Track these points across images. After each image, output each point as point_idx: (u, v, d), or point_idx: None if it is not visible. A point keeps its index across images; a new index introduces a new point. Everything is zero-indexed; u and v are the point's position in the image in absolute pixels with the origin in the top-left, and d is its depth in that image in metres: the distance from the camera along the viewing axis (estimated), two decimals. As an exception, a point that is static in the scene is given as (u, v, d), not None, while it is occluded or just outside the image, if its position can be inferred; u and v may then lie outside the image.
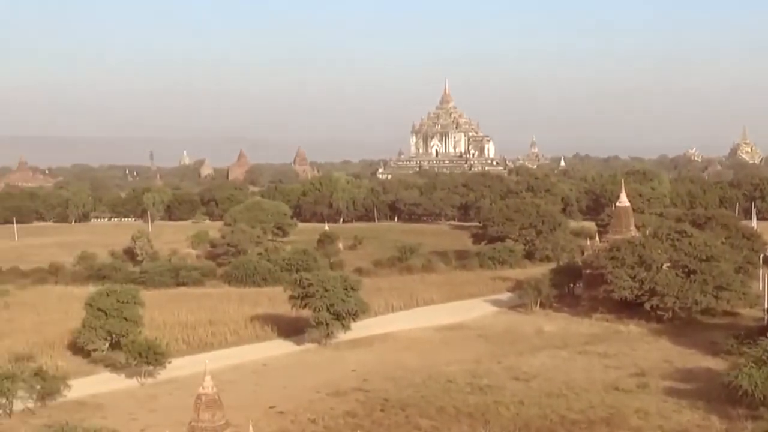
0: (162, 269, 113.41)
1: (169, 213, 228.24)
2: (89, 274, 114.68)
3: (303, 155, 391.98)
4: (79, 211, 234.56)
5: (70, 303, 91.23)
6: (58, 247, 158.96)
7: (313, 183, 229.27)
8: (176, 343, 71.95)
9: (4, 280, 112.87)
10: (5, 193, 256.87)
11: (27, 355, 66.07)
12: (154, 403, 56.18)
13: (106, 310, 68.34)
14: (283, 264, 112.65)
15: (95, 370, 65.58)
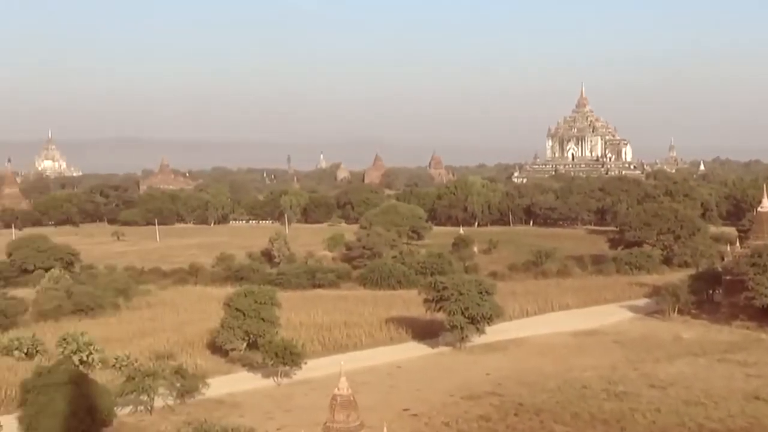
0: (298, 271, 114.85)
1: (305, 216, 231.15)
2: (228, 275, 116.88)
3: (438, 159, 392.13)
4: (219, 213, 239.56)
5: (209, 303, 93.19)
6: (198, 249, 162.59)
7: (448, 186, 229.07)
8: (312, 344, 72.66)
9: (147, 280, 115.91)
10: (148, 195, 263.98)
11: (168, 354, 67.58)
12: (290, 403, 56.86)
13: (244, 311, 69.44)
14: (418, 267, 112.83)
15: (233, 369, 66.71)
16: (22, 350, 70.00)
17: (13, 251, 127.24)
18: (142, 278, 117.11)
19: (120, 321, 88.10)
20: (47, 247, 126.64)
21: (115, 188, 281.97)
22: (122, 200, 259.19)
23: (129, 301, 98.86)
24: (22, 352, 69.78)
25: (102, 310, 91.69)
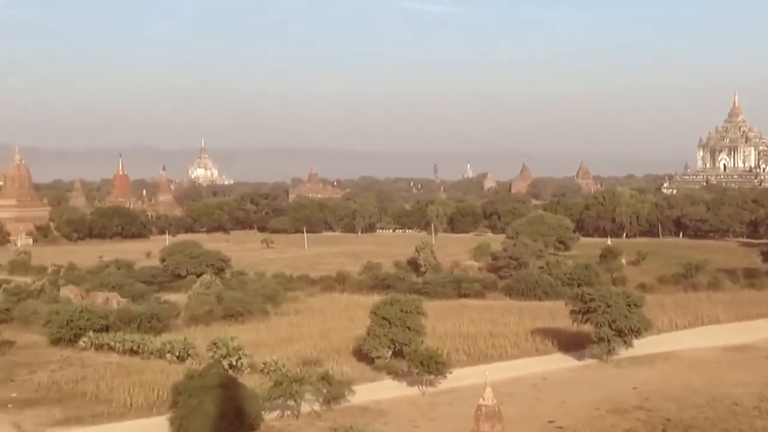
0: (444, 280, 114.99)
1: (451, 225, 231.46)
2: (374, 283, 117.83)
3: (586, 169, 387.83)
4: (366, 222, 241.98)
5: (356, 311, 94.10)
6: (345, 257, 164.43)
7: (596, 197, 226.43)
8: (457, 353, 72.54)
9: (295, 287, 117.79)
10: (297, 203, 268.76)
11: (314, 360, 68.40)
12: (434, 412, 56.89)
13: (390, 319, 69.82)
14: (565, 278, 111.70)
15: (378, 376, 67.12)
16: (174, 353, 71.90)
17: (167, 257, 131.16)
18: (290, 285, 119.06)
19: (268, 327, 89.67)
20: (199, 253, 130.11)
21: (265, 196, 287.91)
22: (272, 208, 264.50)
23: (277, 307, 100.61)
24: (174, 355, 71.68)
25: (251, 316, 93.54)
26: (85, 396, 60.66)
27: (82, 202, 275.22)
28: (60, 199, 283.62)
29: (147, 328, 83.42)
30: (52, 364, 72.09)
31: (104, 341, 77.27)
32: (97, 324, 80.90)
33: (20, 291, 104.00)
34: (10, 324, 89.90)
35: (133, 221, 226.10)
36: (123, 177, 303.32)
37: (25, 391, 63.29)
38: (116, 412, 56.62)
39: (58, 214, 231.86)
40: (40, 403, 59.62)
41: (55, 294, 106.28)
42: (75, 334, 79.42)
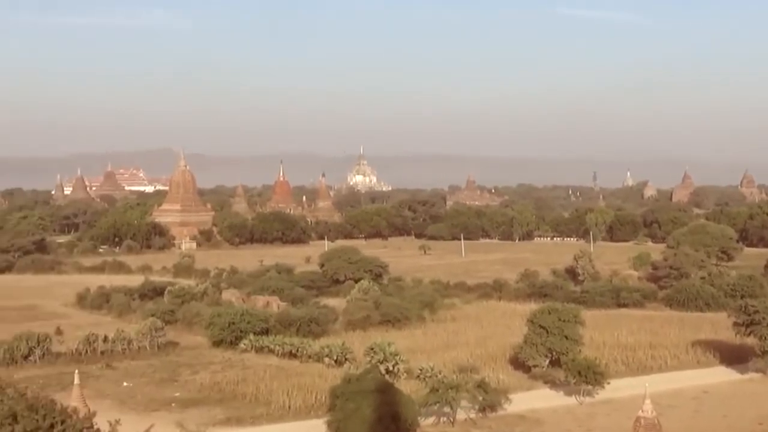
0: (603, 290, 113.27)
1: (610, 234, 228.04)
2: (531, 291, 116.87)
3: (750, 178, 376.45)
4: (523, 230, 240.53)
5: (513, 318, 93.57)
6: (502, 264, 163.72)
7: (760, 206, 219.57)
8: (615, 363, 71.36)
9: (452, 294, 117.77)
10: (454, 210, 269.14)
11: (471, 367, 68.24)
12: (591, 423, 56.07)
13: (547, 328, 69.22)
14: (727, 289, 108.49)
15: (534, 385, 66.55)
16: (331, 357, 72.82)
17: (326, 262, 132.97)
18: (447, 292, 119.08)
19: (425, 333, 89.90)
20: (357, 258, 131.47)
21: (423, 203, 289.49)
22: (429, 215, 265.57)
23: (434, 313, 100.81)
24: (332, 359, 72.58)
25: (408, 322, 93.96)
26: (245, 397, 62.03)
27: (243, 207, 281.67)
28: (223, 205, 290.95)
29: (306, 331, 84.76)
30: (213, 366, 73.99)
31: (264, 344, 78.85)
32: (258, 327, 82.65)
33: (184, 293, 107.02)
34: (175, 325, 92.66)
35: (293, 227, 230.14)
36: (284, 183, 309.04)
37: (188, 391, 65.12)
38: (275, 413, 57.71)
39: (221, 219, 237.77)
40: (202, 403, 61.25)
41: (218, 297, 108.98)
42: (236, 337, 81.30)
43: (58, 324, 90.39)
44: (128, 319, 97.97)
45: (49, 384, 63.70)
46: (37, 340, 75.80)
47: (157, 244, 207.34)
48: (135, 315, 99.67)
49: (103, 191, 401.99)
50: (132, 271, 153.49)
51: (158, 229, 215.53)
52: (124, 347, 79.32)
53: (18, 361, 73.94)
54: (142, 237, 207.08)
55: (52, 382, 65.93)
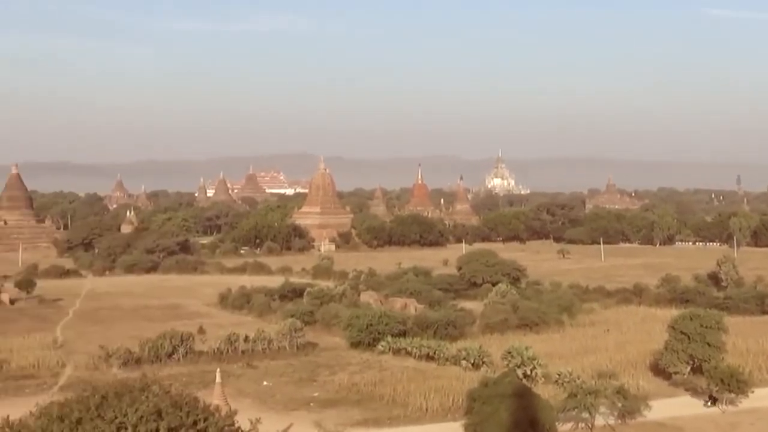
0: (747, 296, 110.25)
1: (755, 239, 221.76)
2: (672, 296, 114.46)
3: None
4: (664, 234, 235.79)
5: (653, 324, 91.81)
6: (643, 269, 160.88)
7: None
8: (759, 372, 69.32)
9: (590, 299, 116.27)
10: (593, 214, 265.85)
11: (609, 373, 67.31)
12: (734, 432, 54.75)
13: (688, 334, 67.78)
14: None
15: (675, 392, 65.19)
16: (469, 360, 72.70)
17: (463, 265, 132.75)
18: (585, 296, 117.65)
19: (563, 337, 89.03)
20: (495, 262, 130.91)
21: (562, 207, 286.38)
22: (568, 218, 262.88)
23: (573, 318, 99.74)
24: (469, 363, 72.46)
25: (546, 326, 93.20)
26: (382, 398, 62.43)
27: (382, 210, 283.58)
28: (361, 207, 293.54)
29: (443, 334, 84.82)
30: (351, 366, 74.64)
31: (401, 346, 79.19)
32: (395, 329, 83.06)
33: (323, 295, 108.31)
34: (314, 326, 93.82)
35: (430, 229, 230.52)
36: (422, 186, 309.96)
37: (326, 391, 65.89)
38: (412, 415, 57.94)
39: (359, 222, 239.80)
40: (340, 403, 61.90)
41: (356, 299, 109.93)
42: (374, 338, 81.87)
43: (201, 323, 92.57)
44: (268, 320, 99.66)
45: (191, 382, 65.23)
46: (181, 338, 77.76)
47: (297, 245, 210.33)
48: (275, 315, 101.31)
49: (244, 194, 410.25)
50: (272, 272, 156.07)
51: (298, 231, 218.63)
52: (264, 347, 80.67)
53: (162, 358, 75.97)
54: (282, 239, 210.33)
55: (195, 379, 67.53)
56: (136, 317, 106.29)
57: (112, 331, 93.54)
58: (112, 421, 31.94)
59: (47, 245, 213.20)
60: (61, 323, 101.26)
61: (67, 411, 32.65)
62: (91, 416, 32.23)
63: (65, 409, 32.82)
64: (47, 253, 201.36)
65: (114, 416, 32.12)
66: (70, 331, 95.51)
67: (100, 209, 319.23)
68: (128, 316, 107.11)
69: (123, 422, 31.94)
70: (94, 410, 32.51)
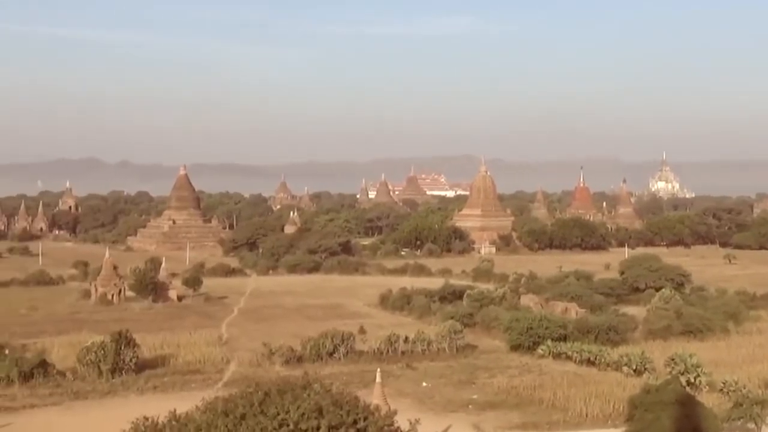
0: None
1: None
2: None
3: None
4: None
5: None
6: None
7: None
8: None
9: (758, 306, 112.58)
10: (762, 218, 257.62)
11: (778, 382, 65.34)
12: None
13: None
14: None
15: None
16: (630, 366, 71.54)
17: (626, 269, 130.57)
18: (752, 303, 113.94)
19: (728, 345, 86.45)
20: (658, 266, 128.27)
21: (728, 211, 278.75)
22: (735, 223, 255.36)
23: (739, 325, 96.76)
24: (631, 369, 71.30)
25: (710, 333, 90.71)
26: (541, 403, 62.02)
27: (543, 213, 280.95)
28: (522, 210, 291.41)
29: (604, 339, 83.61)
30: (511, 370, 74.39)
31: (562, 350, 78.50)
32: (556, 333, 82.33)
33: (483, 297, 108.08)
34: (473, 328, 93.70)
35: (592, 233, 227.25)
36: (583, 189, 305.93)
37: (485, 394, 65.83)
38: (572, 421, 57.39)
39: (520, 224, 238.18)
40: (498, 406, 61.77)
41: (516, 301, 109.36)
42: (534, 342, 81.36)
43: (362, 323, 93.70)
44: (428, 321, 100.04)
45: (352, 381, 66.04)
46: (342, 338, 78.87)
47: (457, 248, 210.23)
48: (434, 317, 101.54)
49: (405, 195, 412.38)
50: (432, 273, 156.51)
51: (458, 233, 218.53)
52: (424, 348, 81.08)
53: (323, 357, 77.21)
54: (442, 241, 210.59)
55: (355, 379, 68.38)
56: (298, 316, 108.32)
57: (274, 329, 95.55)
58: (274, 418, 32.66)
59: (213, 244, 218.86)
60: (226, 320, 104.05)
61: (232, 406, 33.56)
62: (254, 412, 33.03)
63: (229, 405, 33.75)
64: (213, 252, 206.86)
65: (276, 413, 32.84)
66: (234, 328, 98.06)
67: (265, 210, 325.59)
68: (290, 315, 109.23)
69: (285, 419, 32.62)
70: (257, 406, 33.32)
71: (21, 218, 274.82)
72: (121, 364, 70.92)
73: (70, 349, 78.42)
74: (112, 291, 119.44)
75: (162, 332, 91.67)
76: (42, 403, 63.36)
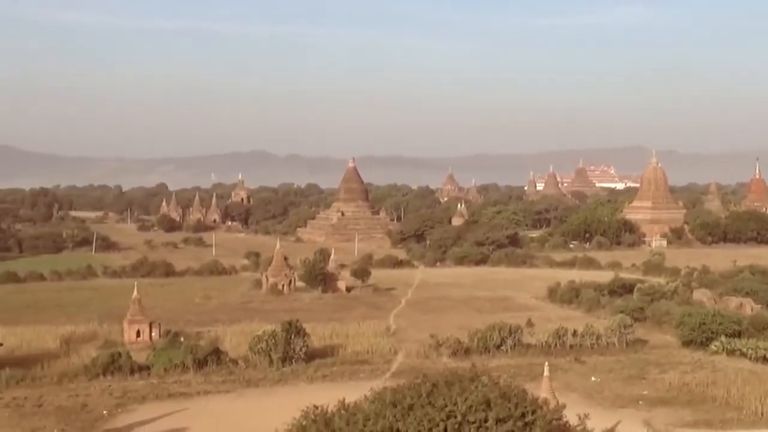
0: None
1: None
2: None
3: None
4: None
5: None
6: None
7: None
8: None
9: None
10: None
11: None
12: None
13: None
14: None
15: None
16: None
17: None
18: None
19: None
20: None
21: None
22: None
23: None
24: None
25: None
26: (714, 400, 60.44)
27: (716, 205, 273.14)
28: (695, 202, 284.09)
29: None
30: (682, 366, 72.70)
31: (736, 347, 76.20)
32: (730, 329, 79.97)
33: (654, 291, 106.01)
34: (643, 323, 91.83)
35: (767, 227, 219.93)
36: (759, 181, 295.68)
37: (656, 390, 64.54)
38: (746, 419, 55.74)
39: (693, 217, 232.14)
40: (669, 403, 60.47)
41: (688, 296, 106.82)
42: (707, 338, 79.26)
43: (529, 316, 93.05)
44: (597, 315, 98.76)
45: (519, 374, 65.75)
46: (509, 330, 78.55)
47: (627, 241, 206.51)
48: (603, 311, 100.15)
49: (573, 188, 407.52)
50: (601, 267, 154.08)
51: (628, 226, 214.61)
52: (593, 342, 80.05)
53: (491, 350, 77.06)
54: (612, 234, 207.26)
55: (523, 372, 68.05)
56: (465, 308, 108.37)
57: (441, 321, 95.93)
58: (442, 409, 32.80)
59: (381, 236, 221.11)
60: (394, 311, 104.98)
61: (400, 397, 33.87)
62: (422, 403, 33.26)
63: (398, 395, 34.07)
64: (381, 243, 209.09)
65: (444, 404, 32.98)
66: (401, 319, 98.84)
67: (432, 202, 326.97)
68: (457, 307, 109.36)
69: (452, 411, 32.72)
70: (425, 397, 33.54)
71: (195, 210, 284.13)
72: (291, 353, 72.37)
73: (242, 337, 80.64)
74: (283, 281, 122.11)
75: (331, 322, 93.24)
76: (215, 390, 65.29)
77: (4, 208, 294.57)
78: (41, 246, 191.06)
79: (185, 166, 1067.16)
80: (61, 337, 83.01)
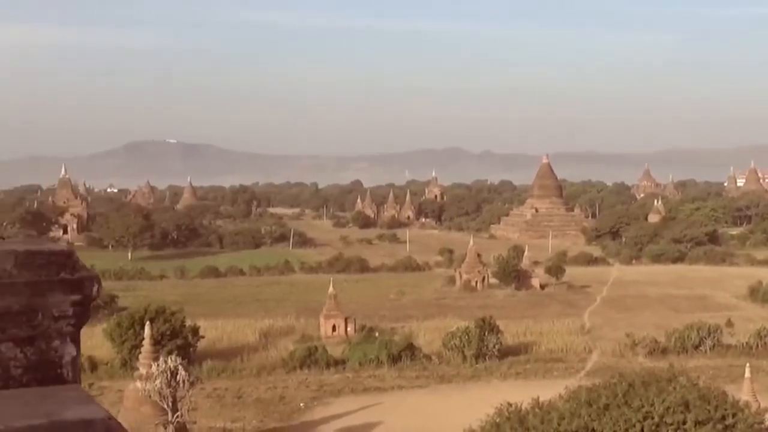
0: None
1: None
2: None
3: None
4: None
5: None
6: None
7: None
8: None
9: None
10: None
11: None
12: None
13: None
14: None
15: None
16: None
17: None
18: None
19: None
20: None
21: None
22: None
23: None
24: None
25: None
26: None
27: None
28: None
29: None
30: None
31: None
32: None
33: None
34: None
35: None
36: None
37: None
38: None
39: None
40: None
41: None
42: None
43: (729, 316, 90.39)
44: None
45: (718, 375, 64.08)
46: (708, 330, 76.61)
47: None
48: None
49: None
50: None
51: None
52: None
53: (688, 350, 75.37)
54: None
55: (722, 373, 66.26)
56: (662, 306, 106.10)
57: (637, 320, 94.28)
58: (639, 410, 32.34)
59: (575, 233, 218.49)
60: (589, 309, 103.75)
61: (595, 396, 33.58)
62: (617, 403, 32.88)
63: (593, 394, 33.78)
64: (575, 240, 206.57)
65: (641, 405, 32.52)
66: (596, 317, 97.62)
67: (627, 198, 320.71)
68: (653, 305, 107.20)
69: (649, 412, 32.23)
70: (621, 397, 33.14)
71: (389, 206, 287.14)
72: (485, 350, 72.61)
73: (436, 333, 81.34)
74: (476, 278, 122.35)
75: (524, 320, 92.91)
76: (409, 385, 66.15)
77: (206, 204, 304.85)
78: (241, 242, 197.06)
79: (379, 163, 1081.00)
80: (260, 331, 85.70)
